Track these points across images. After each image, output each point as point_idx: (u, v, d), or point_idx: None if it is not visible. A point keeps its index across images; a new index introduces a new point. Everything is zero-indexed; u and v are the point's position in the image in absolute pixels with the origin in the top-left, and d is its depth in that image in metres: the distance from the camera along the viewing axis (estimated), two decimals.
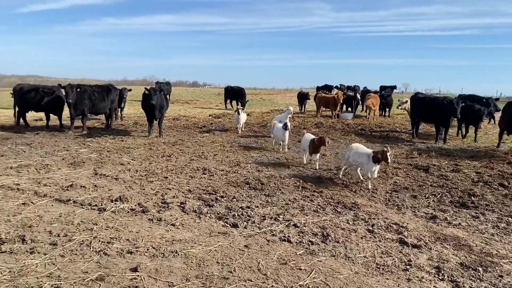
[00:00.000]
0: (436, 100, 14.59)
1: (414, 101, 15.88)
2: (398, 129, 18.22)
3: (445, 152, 12.23)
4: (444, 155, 11.77)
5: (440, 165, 10.29)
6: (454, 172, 9.59)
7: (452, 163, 10.59)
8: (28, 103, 14.79)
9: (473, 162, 10.74)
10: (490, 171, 9.66)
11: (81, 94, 14.04)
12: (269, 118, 21.02)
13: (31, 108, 15.16)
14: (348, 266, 4.63)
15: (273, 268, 4.48)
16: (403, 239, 5.42)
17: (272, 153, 11.39)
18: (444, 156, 11.68)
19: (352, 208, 6.75)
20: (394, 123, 20.29)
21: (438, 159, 11.21)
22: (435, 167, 10.02)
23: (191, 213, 6.20)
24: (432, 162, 10.64)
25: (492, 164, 10.49)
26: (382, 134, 16.44)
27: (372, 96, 22.48)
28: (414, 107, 15.83)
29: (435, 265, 4.73)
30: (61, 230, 5.32)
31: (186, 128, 16.60)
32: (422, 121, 15.71)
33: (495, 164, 10.51)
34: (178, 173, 8.60)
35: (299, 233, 5.55)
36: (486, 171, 9.71)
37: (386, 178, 8.87)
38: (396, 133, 16.81)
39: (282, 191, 7.57)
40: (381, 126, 18.87)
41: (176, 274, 4.27)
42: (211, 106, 30.29)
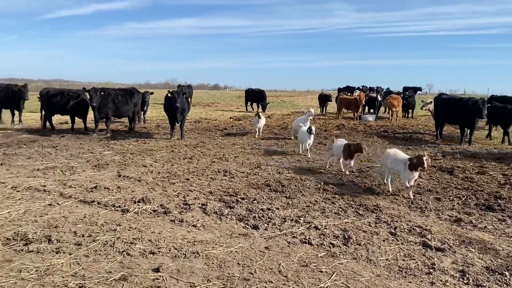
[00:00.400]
0: (461, 101, 14.29)
1: (438, 102, 15.60)
2: (422, 130, 17.91)
3: (470, 154, 11.96)
4: (469, 157, 11.50)
5: (465, 167, 10.06)
6: (479, 174, 9.36)
7: (478, 165, 10.34)
8: (54, 107, 15.20)
9: (500, 164, 10.47)
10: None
11: (105, 97, 14.33)
12: (290, 120, 20.99)
13: (57, 112, 15.56)
14: (370, 269, 4.58)
15: (294, 270, 4.47)
16: (427, 242, 5.32)
17: (293, 155, 11.36)
18: (469, 158, 11.42)
19: (374, 211, 6.67)
20: (418, 125, 19.97)
21: (463, 161, 10.96)
22: (459, 169, 9.80)
23: (212, 214, 6.25)
24: (456, 164, 10.42)
25: None
26: (405, 135, 16.19)
27: (392, 97, 22.19)
28: (438, 108, 15.55)
29: (459, 269, 4.63)
30: (85, 230, 5.43)
31: (207, 130, 16.73)
32: (447, 122, 15.39)
33: None
34: (199, 175, 8.68)
35: (320, 236, 5.52)
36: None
37: None
38: (419, 135, 16.53)
39: (303, 193, 7.54)
40: (404, 128, 18.59)
41: (197, 274, 4.31)
42: (232, 108, 30.45)
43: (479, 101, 13.38)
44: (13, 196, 6.88)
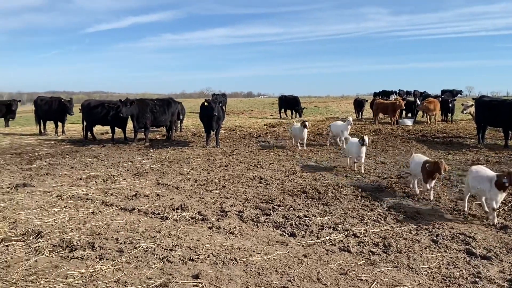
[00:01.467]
0: (504, 103, 13.73)
1: (479, 105, 15.03)
2: (462, 134, 17.31)
3: None
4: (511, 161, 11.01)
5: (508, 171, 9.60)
6: None
7: None
8: (95, 118, 15.77)
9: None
10: None
11: (143, 107, 14.76)
12: (325, 126, 20.82)
13: (98, 122, 16.13)
14: (411, 277, 4.46)
15: (333, 278, 4.42)
16: (471, 250, 5.13)
17: (328, 161, 11.26)
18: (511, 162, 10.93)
19: (414, 218, 6.50)
20: (458, 129, 19.31)
21: (508, 166, 10.50)
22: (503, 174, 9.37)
23: (249, 221, 6.28)
24: (501, 169, 9.98)
25: None
26: (445, 140, 15.70)
27: (428, 101, 21.62)
28: (479, 111, 14.98)
29: (507, 278, 4.43)
30: (127, 237, 5.59)
31: (241, 138, 16.85)
32: (489, 125, 14.78)
33: None
34: (235, 182, 8.75)
35: (359, 243, 5.43)
36: None
37: (451, 186, 8.46)
38: (460, 139, 15.98)
39: (340, 200, 7.45)
40: (443, 132, 18.03)
41: (236, 281, 4.33)
42: (266, 115, 30.54)
43: None
44: (58, 205, 7.17)
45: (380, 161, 11.39)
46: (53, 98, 18.51)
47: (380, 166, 10.71)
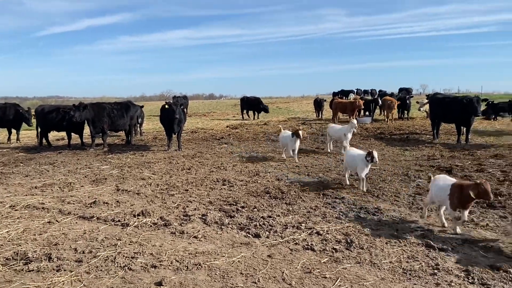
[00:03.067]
0: (456, 100, 14.34)
1: (433, 102, 15.64)
2: (418, 131, 17.95)
3: (468, 152, 11.97)
4: (467, 155, 11.52)
5: (463, 165, 10.07)
6: (478, 172, 9.37)
7: (476, 163, 10.35)
8: (50, 124, 15.15)
9: (498, 161, 10.48)
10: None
11: (100, 111, 14.33)
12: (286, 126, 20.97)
13: (52, 128, 15.51)
14: (374, 273, 4.55)
15: (297, 277, 4.43)
16: (430, 243, 5.30)
17: (291, 161, 11.34)
18: (467, 156, 11.44)
19: (375, 214, 6.65)
20: (414, 125, 20.00)
21: (461, 159, 10.98)
22: (458, 167, 9.80)
23: (212, 224, 6.21)
24: (455, 162, 10.43)
25: None
26: (402, 137, 16.22)
27: (386, 99, 22.34)
28: (433, 107, 15.58)
29: (464, 268, 4.60)
30: (86, 246, 5.38)
31: (204, 140, 16.71)
32: (443, 121, 15.38)
33: None
34: (198, 185, 8.64)
35: (323, 241, 5.49)
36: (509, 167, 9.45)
37: (409, 181, 8.73)
38: (416, 135, 16.56)
39: (303, 199, 7.51)
40: (400, 129, 18.62)
41: (200, 286, 4.26)
42: (228, 117, 30.46)
43: (474, 99, 13.43)
44: (12, 215, 6.82)
45: (340, 159, 11.58)
46: (7, 104, 17.63)
47: (340, 164, 10.89)
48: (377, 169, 9.93)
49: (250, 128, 20.55)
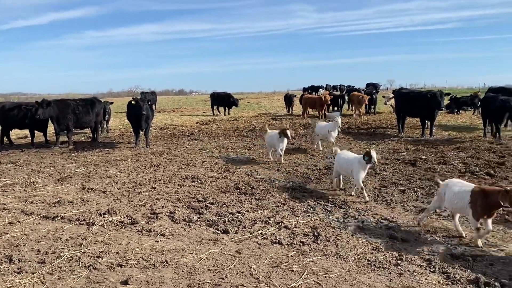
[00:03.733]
0: (420, 94, 14.73)
1: (399, 97, 16.01)
2: (384, 125, 18.36)
3: (432, 145, 12.34)
4: (431, 148, 11.87)
5: (427, 158, 10.37)
6: (441, 164, 9.67)
7: (439, 155, 10.68)
8: (12, 121, 14.60)
9: (460, 153, 10.86)
10: (476, 161, 9.77)
11: (64, 108, 13.92)
12: (257, 122, 21.04)
13: (14, 126, 14.96)
14: (339, 265, 4.64)
15: (265, 272, 4.46)
16: (394, 234, 5.44)
17: (261, 157, 11.37)
18: (431, 149, 11.79)
19: (341, 206, 6.77)
20: (380, 120, 20.44)
21: (425, 152, 11.31)
22: (422, 160, 10.10)
23: (180, 222, 6.16)
24: (419, 155, 10.73)
25: (478, 154, 10.61)
26: (369, 131, 16.54)
27: (354, 94, 22.74)
28: (398, 102, 15.96)
29: (426, 258, 4.75)
30: (49, 247, 5.23)
31: (173, 136, 16.52)
32: (408, 115, 15.77)
33: (481, 154, 10.64)
34: (166, 183, 8.54)
35: (290, 235, 5.54)
36: (473, 161, 9.81)
37: (374, 174, 8.92)
38: (382, 129, 16.93)
39: (272, 194, 7.55)
40: (367, 124, 18.99)
41: (167, 284, 4.23)
42: (198, 113, 30.22)
43: (437, 93, 13.83)
44: None
45: (309, 153, 11.72)
46: None
47: (309, 158, 11.03)
48: None
49: (220, 124, 20.46)
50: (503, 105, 12.92)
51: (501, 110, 12.97)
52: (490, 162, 9.62)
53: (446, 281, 4.24)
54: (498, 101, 13.05)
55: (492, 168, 8.99)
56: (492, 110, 13.29)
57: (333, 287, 4.12)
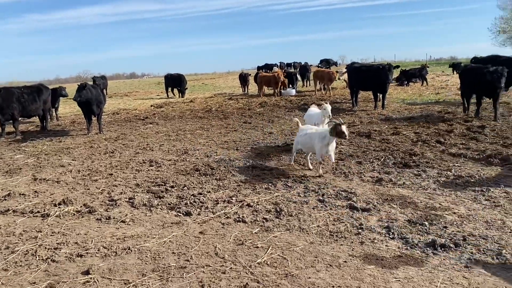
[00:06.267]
0: (372, 68, 15.06)
1: (351, 71, 16.29)
2: (339, 100, 18.71)
3: (385, 117, 12.73)
4: (384, 120, 12.25)
5: (381, 130, 10.70)
6: (394, 135, 10.01)
7: (392, 126, 11.05)
8: None
9: (411, 124, 11.27)
10: (427, 130, 10.19)
11: (8, 97, 13.11)
12: (213, 102, 20.83)
13: None
14: (303, 238, 4.72)
15: (230, 250, 4.47)
16: (353, 205, 5.59)
17: (220, 137, 11.29)
18: (384, 121, 12.16)
19: (302, 181, 6.86)
20: (334, 95, 20.80)
21: (379, 124, 11.65)
22: (376, 132, 10.40)
23: (141, 207, 6.02)
24: (373, 128, 11.04)
25: (428, 123, 11.07)
26: None
27: (317, 70, 22.90)
28: (351, 76, 16.25)
29: (385, 226, 4.93)
30: (1, 242, 4.97)
31: (127, 121, 16.04)
32: (360, 89, 16.11)
33: (431, 123, 11.10)
34: (123, 168, 8.31)
35: (253, 212, 5.56)
36: (424, 130, 10.23)
37: None
38: (337, 104, 17.24)
39: (233, 174, 7.53)
40: (322, 99, 19.26)
41: (131, 270, 4.14)
42: (152, 96, 29.49)
43: (386, 66, 14.19)
44: None
45: (267, 131, 11.77)
46: None
47: (268, 136, 11.08)
48: None
49: (176, 106, 20.08)
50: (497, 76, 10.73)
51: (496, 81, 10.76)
52: (439, 130, 10.07)
53: (405, 246, 4.43)
54: (494, 72, 10.82)
55: (441, 136, 9.42)
56: (482, 82, 11.13)
57: (298, 259, 4.19)
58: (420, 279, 3.75)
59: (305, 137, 7.42)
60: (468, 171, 6.92)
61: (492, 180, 6.41)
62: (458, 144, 8.67)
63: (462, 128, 10.27)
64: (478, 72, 11.36)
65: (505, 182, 6.30)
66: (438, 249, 4.28)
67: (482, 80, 10.98)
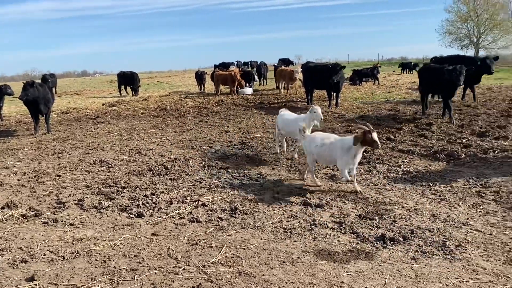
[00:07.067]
0: (326, 68, 15.33)
1: (306, 70, 16.52)
2: (295, 99, 18.94)
3: (338, 116, 13.02)
4: (337, 118, 12.52)
5: (334, 127, 10.93)
6: (347, 132, 10.25)
7: (345, 124, 11.32)
8: None
9: (363, 122, 11.58)
10: (378, 128, 10.49)
11: None
12: (168, 101, 20.49)
13: None
14: (257, 235, 4.72)
15: (183, 251, 4.39)
16: (307, 201, 5.66)
17: (175, 136, 11.11)
18: (337, 119, 12.43)
19: (257, 179, 6.88)
20: (291, 94, 21.04)
21: (332, 122, 11.90)
22: (330, 130, 10.60)
23: (91, 209, 5.81)
24: (327, 126, 11.25)
25: (379, 121, 11.43)
26: (280, 105, 16.91)
27: (281, 69, 22.87)
28: (306, 76, 16.48)
29: (337, 221, 5.02)
30: None
31: (77, 120, 15.44)
32: (315, 88, 16.38)
33: (382, 121, 11.47)
34: (72, 170, 7.98)
35: (208, 212, 5.51)
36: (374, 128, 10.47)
37: (287, 146, 9.18)
38: (293, 103, 17.45)
39: (187, 173, 7.43)
40: (278, 98, 19.45)
41: (79, 275, 3.98)
42: (104, 94, 28.55)
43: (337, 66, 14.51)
44: None
45: (223, 130, 11.72)
46: None
47: (224, 135, 11.02)
48: (258, 137, 10.27)
49: (129, 105, 19.58)
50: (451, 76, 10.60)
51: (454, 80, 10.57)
52: (390, 127, 10.42)
53: (356, 240, 4.53)
54: (453, 71, 10.59)
55: (392, 134, 9.75)
56: (442, 81, 10.98)
57: (252, 257, 4.19)
58: (370, 272, 3.85)
59: (322, 149, 6.13)
60: (416, 166, 7.20)
61: (438, 175, 6.71)
62: (407, 141, 9.00)
63: (411, 125, 10.69)
64: (437, 71, 11.34)
65: (450, 176, 6.61)
66: (388, 242, 4.41)
67: (441, 78, 10.92)
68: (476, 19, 57.22)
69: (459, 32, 60.48)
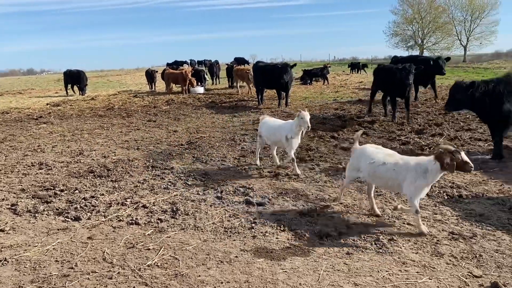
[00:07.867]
0: (275, 68, 15.48)
1: (256, 70, 16.60)
2: (246, 98, 19.00)
3: (287, 115, 13.19)
4: (286, 118, 12.67)
5: None
6: None
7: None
8: None
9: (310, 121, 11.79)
10: (323, 126, 10.77)
11: None
12: (116, 100, 19.94)
13: None
14: (197, 236, 4.69)
15: (119, 254, 4.29)
16: (249, 200, 5.70)
17: (120, 136, 10.83)
18: (287, 118, 12.58)
19: (202, 179, 6.84)
20: (242, 93, 21.08)
21: None
22: None
23: (24, 214, 5.54)
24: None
25: (325, 120, 11.71)
26: (231, 104, 16.95)
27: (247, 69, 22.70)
28: (256, 75, 16.56)
29: (277, 219, 5.09)
30: None
31: (18, 121, 14.68)
32: (265, 87, 16.48)
33: (327, 120, 11.76)
34: (8, 172, 7.59)
35: (148, 214, 5.41)
36: (320, 126, 10.79)
37: (235, 145, 9.20)
38: (244, 102, 17.50)
39: (130, 174, 7.27)
40: (230, 97, 19.44)
41: (5, 284, 3.78)
42: (50, 94, 27.31)
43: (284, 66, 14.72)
44: None
45: (172, 129, 11.56)
46: None
47: (172, 134, 10.88)
48: (206, 137, 10.21)
49: (75, 105, 18.85)
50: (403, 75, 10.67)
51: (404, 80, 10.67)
52: (334, 126, 10.70)
53: (294, 237, 4.62)
54: (402, 70, 10.73)
55: (336, 132, 10.02)
56: (392, 80, 11.00)
57: (190, 258, 4.16)
58: (305, 268, 3.93)
59: (382, 169, 4.82)
60: None
61: None
62: (350, 139, 9.27)
63: (354, 124, 11.03)
64: (388, 71, 11.50)
65: None
66: (324, 238, 4.53)
67: (392, 78, 10.93)
68: (420, 21, 59.96)
69: (405, 34, 63.14)
